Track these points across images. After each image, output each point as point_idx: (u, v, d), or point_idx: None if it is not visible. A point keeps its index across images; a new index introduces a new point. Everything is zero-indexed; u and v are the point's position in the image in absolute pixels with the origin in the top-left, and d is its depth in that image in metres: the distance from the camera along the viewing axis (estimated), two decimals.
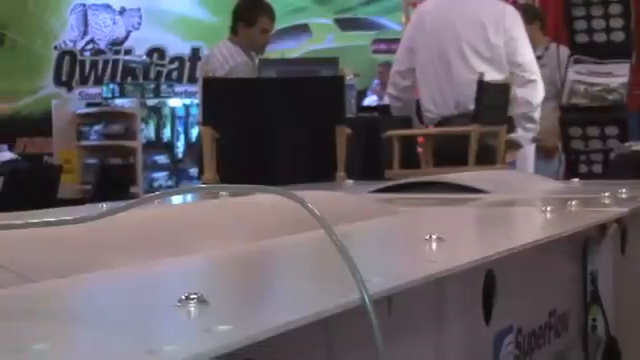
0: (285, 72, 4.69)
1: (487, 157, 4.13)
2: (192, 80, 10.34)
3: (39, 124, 10.11)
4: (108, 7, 10.88)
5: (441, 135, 4.35)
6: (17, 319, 0.67)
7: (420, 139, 4.77)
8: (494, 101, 4.24)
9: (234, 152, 4.23)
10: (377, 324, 0.70)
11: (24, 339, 0.57)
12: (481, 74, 4.16)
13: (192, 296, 0.66)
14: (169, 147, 9.20)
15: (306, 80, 4.25)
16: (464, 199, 1.90)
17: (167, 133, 9.17)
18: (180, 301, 0.66)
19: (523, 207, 1.84)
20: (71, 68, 10.90)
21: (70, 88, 10.91)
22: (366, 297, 0.70)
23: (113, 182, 6.29)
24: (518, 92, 4.39)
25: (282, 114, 4.03)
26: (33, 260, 0.90)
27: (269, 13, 4.85)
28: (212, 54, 4.85)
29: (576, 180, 2.67)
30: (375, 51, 10.21)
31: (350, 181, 2.94)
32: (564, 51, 5.11)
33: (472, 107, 4.23)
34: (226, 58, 4.75)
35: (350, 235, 1.19)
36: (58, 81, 10.95)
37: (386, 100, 5.52)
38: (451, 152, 4.21)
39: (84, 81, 10.89)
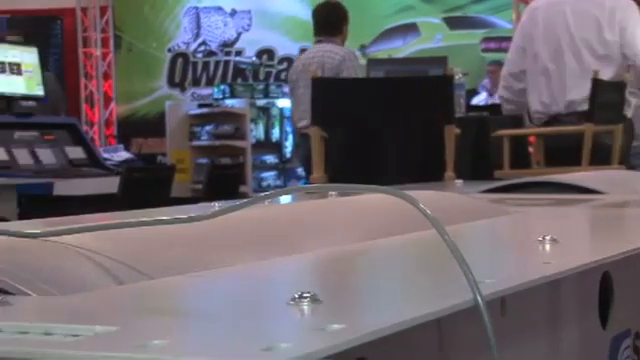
0: (393, 72, 4.70)
1: (602, 157, 4.03)
2: None
3: (153, 125, 10.38)
4: (219, 9, 11.08)
5: (553, 134, 4.26)
6: (137, 315, 0.69)
7: (531, 139, 4.68)
8: (608, 100, 4.13)
9: (342, 152, 4.25)
10: (490, 326, 0.69)
11: (144, 335, 0.58)
12: (595, 72, 4.07)
13: (305, 295, 0.67)
14: (278, 147, 9.30)
15: (414, 80, 4.24)
16: (578, 200, 1.86)
17: (276, 133, 9.28)
18: (293, 299, 0.67)
19: None
20: (184, 69, 11.15)
21: (183, 89, 11.16)
22: (479, 298, 0.69)
23: (223, 181, 6.40)
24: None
25: (390, 114, 4.03)
26: (150, 257, 0.92)
27: None
28: (312, 55, 4.97)
29: None
30: (485, 50, 10.08)
31: (459, 181, 2.91)
32: None
33: (583, 106, 4.13)
34: (331, 52, 4.86)
35: (462, 235, 1.18)
36: (172, 82, 11.21)
37: (496, 98, 5.47)
38: (564, 152, 4.13)
39: (196, 82, 11.12)
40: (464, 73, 5.88)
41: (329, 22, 5.12)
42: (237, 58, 10.89)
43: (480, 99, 8.43)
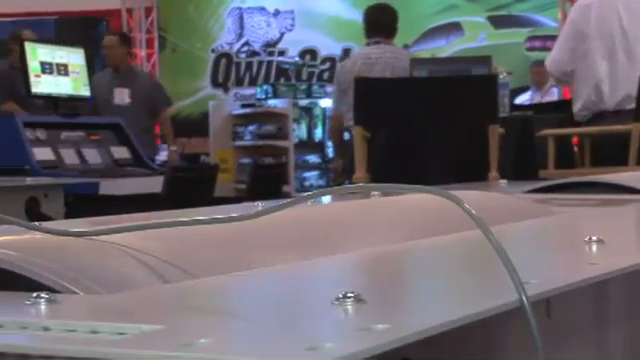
0: (436, 71, 4.67)
1: None
2: None
3: (197, 125, 10.44)
4: (263, 10, 11.12)
5: (599, 134, 4.22)
6: (182, 314, 0.69)
7: (575, 139, 4.64)
8: None
9: (384, 152, 4.24)
10: (536, 327, 0.68)
11: (190, 333, 0.59)
12: None
13: (349, 294, 0.67)
14: (320, 147, 9.31)
15: (458, 79, 4.21)
16: (625, 200, 1.84)
17: (318, 133, 9.28)
18: (337, 299, 0.67)
19: None
20: (227, 70, 11.20)
21: (226, 89, 11.22)
22: (525, 299, 0.69)
23: (266, 181, 6.42)
24: None
25: (433, 113, 4.01)
26: (194, 256, 0.93)
27: None
28: (376, 55, 4.98)
29: None
30: (529, 49, 10.00)
31: (503, 181, 2.89)
32: None
33: (632, 104, 4.08)
34: (397, 54, 4.90)
35: (506, 236, 1.17)
36: (215, 83, 11.27)
37: (545, 99, 5.44)
38: (610, 151, 4.08)
39: (239, 82, 11.16)
40: (508, 72, 5.83)
41: (386, 24, 5.15)
42: (280, 58, 10.91)
43: (525, 99, 8.35)
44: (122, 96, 6.42)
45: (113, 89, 6.39)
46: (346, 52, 10.55)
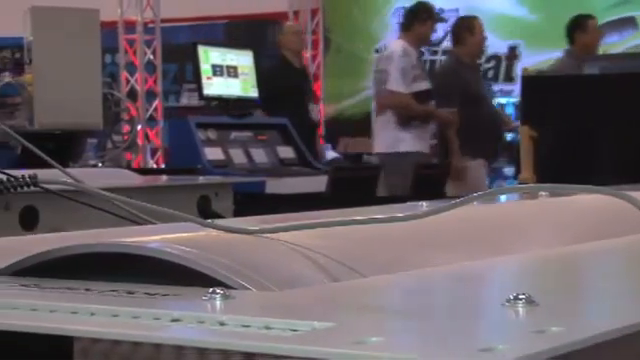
0: (609, 68, 4.51)
1: None
2: (508, 79, 10.24)
3: (359, 124, 10.52)
4: None
5: None
6: (353, 311, 0.70)
7: None
8: None
9: (552, 151, 4.14)
10: None
11: (361, 331, 0.59)
12: None
13: (520, 296, 0.66)
14: None
15: (632, 76, 4.06)
16: None
17: None
18: (508, 301, 0.66)
19: None
20: None
21: None
22: None
23: (428, 181, 6.38)
24: None
25: (605, 112, 3.89)
26: (362, 255, 0.93)
27: None
28: None
29: None
30: None
31: None
32: None
33: None
34: None
35: None
36: None
37: None
38: None
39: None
40: None
41: None
42: (443, 57, 10.83)
43: None
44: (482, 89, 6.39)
45: (479, 82, 6.41)
46: (512, 50, 10.36)
